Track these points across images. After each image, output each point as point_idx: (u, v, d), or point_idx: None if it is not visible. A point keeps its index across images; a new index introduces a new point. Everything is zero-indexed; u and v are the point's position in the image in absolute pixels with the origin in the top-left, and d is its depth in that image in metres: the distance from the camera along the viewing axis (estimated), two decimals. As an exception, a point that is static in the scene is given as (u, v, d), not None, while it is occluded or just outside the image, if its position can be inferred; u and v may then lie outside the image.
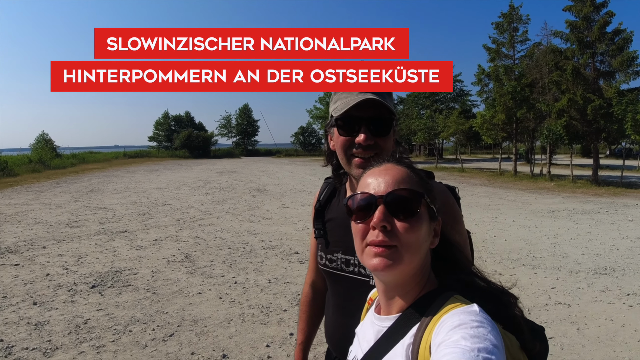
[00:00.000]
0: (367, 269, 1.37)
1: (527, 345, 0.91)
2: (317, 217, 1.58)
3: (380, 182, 0.92)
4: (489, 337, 0.73)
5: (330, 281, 1.55)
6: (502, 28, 27.87)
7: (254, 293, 5.73)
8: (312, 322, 1.76)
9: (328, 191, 1.59)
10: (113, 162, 40.58)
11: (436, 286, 0.95)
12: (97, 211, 12.25)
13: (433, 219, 0.95)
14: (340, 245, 1.47)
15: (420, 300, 0.92)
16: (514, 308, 0.94)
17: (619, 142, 24.40)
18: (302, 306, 1.78)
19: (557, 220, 11.21)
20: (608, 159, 42.43)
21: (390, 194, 0.89)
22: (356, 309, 1.42)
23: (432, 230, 0.94)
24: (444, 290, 0.92)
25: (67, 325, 4.65)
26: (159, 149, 63.47)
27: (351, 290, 1.44)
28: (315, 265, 1.67)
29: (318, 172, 29.65)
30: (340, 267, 1.46)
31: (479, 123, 27.95)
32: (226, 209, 12.83)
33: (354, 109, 1.29)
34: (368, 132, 1.29)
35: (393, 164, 0.97)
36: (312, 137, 74.53)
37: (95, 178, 23.61)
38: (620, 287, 5.94)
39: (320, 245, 1.55)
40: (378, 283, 0.99)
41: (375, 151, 1.31)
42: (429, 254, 0.96)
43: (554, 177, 23.61)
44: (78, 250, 7.85)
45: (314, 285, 1.74)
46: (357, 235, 0.93)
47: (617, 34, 21.25)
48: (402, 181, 0.92)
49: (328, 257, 1.50)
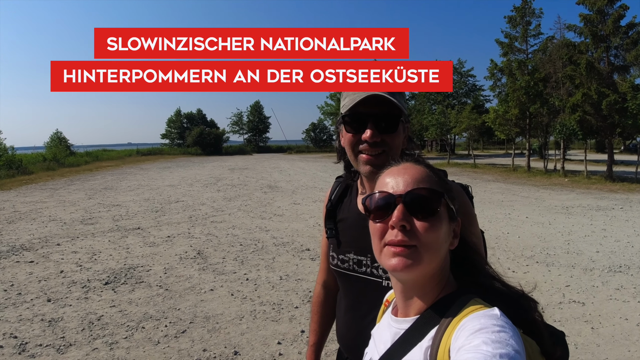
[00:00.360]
0: (379, 270, 1.38)
1: (547, 350, 0.89)
2: (329, 217, 1.56)
3: (399, 181, 0.91)
4: (510, 342, 0.72)
5: (342, 282, 1.53)
6: (514, 22, 27.50)
7: (266, 290, 5.75)
8: (325, 322, 1.74)
9: (339, 190, 1.58)
10: (126, 159, 40.96)
11: (455, 288, 0.93)
12: (111, 208, 12.39)
13: (452, 220, 0.94)
14: (353, 246, 1.45)
15: (439, 302, 0.90)
16: (534, 312, 0.93)
17: (634, 138, 24.00)
18: (314, 307, 1.76)
19: (571, 217, 11.07)
20: (622, 154, 41.77)
21: (409, 193, 0.88)
22: (368, 310, 1.42)
23: (451, 231, 0.93)
24: (463, 293, 0.90)
25: (81, 321, 4.71)
26: (171, 147, 63.86)
27: (363, 290, 1.44)
28: (326, 265, 1.66)
29: (329, 168, 29.62)
30: (352, 268, 1.45)
31: (491, 118, 27.67)
32: (238, 206, 12.89)
33: (361, 106, 1.29)
34: (374, 129, 1.28)
35: (412, 163, 0.96)
36: (323, 134, 74.42)
37: (108, 176, 23.87)
38: (635, 286, 5.85)
39: (332, 245, 1.53)
40: (395, 284, 0.97)
41: (382, 148, 1.30)
42: (448, 255, 0.94)
43: (567, 173, 23.29)
44: (92, 247, 7.94)
45: (326, 285, 1.72)
46: (375, 235, 0.92)
47: (632, 27, 20.85)
48: (421, 180, 0.91)
49: (340, 258, 1.49)
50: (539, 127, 27.23)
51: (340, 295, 1.59)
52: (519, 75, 25.43)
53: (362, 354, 1.44)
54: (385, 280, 1.38)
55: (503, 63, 27.38)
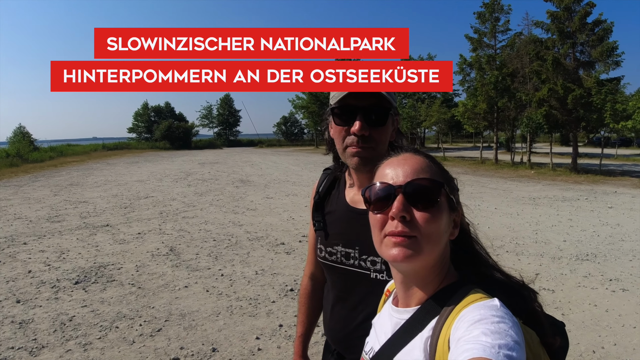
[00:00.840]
0: (367, 262, 1.38)
1: (547, 340, 0.90)
2: (317, 209, 1.55)
3: (399, 172, 0.90)
4: (510, 332, 0.72)
5: (330, 274, 1.53)
6: (484, 18, 27.96)
7: (242, 285, 5.70)
8: (312, 314, 1.74)
9: (327, 183, 1.57)
10: (92, 154, 39.83)
11: (456, 279, 0.93)
12: (78, 205, 12.02)
13: (453, 210, 0.93)
14: (341, 238, 1.45)
15: (439, 292, 0.90)
16: (534, 302, 0.94)
17: (598, 131, 24.85)
18: (301, 298, 1.75)
19: (538, 208, 11.40)
20: (586, 147, 43.23)
21: (409, 183, 0.87)
22: (356, 302, 1.43)
23: (451, 221, 0.93)
24: (463, 283, 0.90)
25: (52, 323, 4.56)
26: (138, 141, 62.54)
27: (351, 283, 1.43)
28: (314, 257, 1.65)
29: (301, 162, 29.62)
30: (340, 260, 1.44)
31: (460, 112, 28.21)
32: (210, 201, 12.72)
33: (350, 98, 1.28)
34: (363, 122, 1.27)
35: (412, 154, 0.95)
36: (294, 127, 74.31)
37: (74, 171, 23.14)
38: (603, 273, 6.07)
39: (320, 237, 1.52)
40: (396, 275, 0.96)
41: (370, 143, 1.29)
42: (448, 245, 0.94)
43: (534, 165, 23.98)
44: (60, 245, 7.69)
45: (313, 277, 1.72)
46: (376, 227, 0.91)
47: (598, 24, 21.53)
48: (421, 171, 0.90)
49: (328, 250, 1.48)
50: (506, 121, 27.89)
51: (328, 288, 1.59)
52: (487, 70, 25.97)
53: (351, 346, 1.45)
54: (373, 273, 1.37)
55: (472, 58, 27.91)
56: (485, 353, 0.68)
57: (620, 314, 4.80)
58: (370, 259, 1.37)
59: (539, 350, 0.87)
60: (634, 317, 4.73)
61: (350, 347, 1.46)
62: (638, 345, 4.11)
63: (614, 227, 8.92)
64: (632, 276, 5.95)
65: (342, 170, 1.53)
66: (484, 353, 0.68)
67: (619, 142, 44.42)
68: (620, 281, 5.77)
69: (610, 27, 21.24)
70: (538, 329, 0.90)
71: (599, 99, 19.72)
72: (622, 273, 6.08)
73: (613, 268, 6.30)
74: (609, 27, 21.25)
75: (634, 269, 6.27)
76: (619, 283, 5.70)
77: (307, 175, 20.23)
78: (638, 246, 7.47)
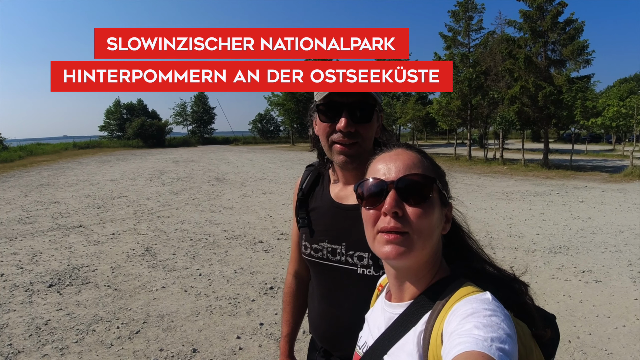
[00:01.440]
0: (354, 258, 1.38)
1: (538, 332, 0.91)
2: (301, 206, 1.54)
3: (391, 167, 0.90)
4: (502, 325, 0.72)
5: (316, 271, 1.51)
6: (458, 16, 28.32)
7: (220, 284, 5.64)
8: (297, 313, 1.73)
9: (311, 179, 1.57)
10: (63, 153, 38.77)
11: (448, 273, 0.94)
12: (49, 206, 11.69)
13: (444, 205, 0.94)
14: (326, 234, 1.44)
15: (432, 287, 0.91)
16: (525, 296, 0.95)
17: (568, 128, 25.51)
18: (286, 297, 1.73)
19: (511, 202, 11.64)
20: (557, 143, 44.39)
21: (401, 179, 0.87)
22: (343, 299, 1.42)
23: (443, 216, 0.93)
24: (456, 277, 0.91)
25: (27, 327, 4.42)
26: (110, 139, 61.28)
27: (338, 279, 1.43)
28: (297, 255, 1.64)
29: (278, 159, 29.52)
30: (327, 257, 1.44)
31: (435, 109, 28.57)
32: (185, 200, 12.56)
33: (335, 95, 1.28)
34: (349, 118, 1.28)
35: (404, 149, 0.95)
36: (270, 125, 73.98)
37: (45, 171, 22.49)
38: (576, 265, 6.24)
39: (305, 234, 1.51)
40: (389, 270, 0.97)
41: (356, 139, 1.30)
42: (440, 240, 0.94)
43: (506, 161, 24.49)
44: (32, 247, 7.47)
45: (298, 275, 1.71)
46: (368, 223, 0.91)
47: (569, 23, 22.03)
48: (413, 166, 0.90)
49: (313, 247, 1.47)
50: (480, 118, 28.37)
51: (313, 285, 1.58)
52: (461, 68, 26.33)
53: (338, 342, 1.45)
54: (360, 268, 1.37)
55: (446, 56, 28.26)
56: (478, 346, 0.68)
57: (594, 304, 4.94)
58: (357, 254, 1.37)
59: (530, 343, 0.89)
60: (607, 307, 4.88)
61: (337, 343, 1.45)
62: (612, 334, 4.25)
63: (585, 221, 9.17)
64: (604, 268, 6.14)
65: (327, 167, 1.52)
66: (476, 346, 0.68)
67: (589, 138, 45.76)
68: (593, 272, 5.94)
69: (581, 26, 21.77)
70: (529, 322, 0.92)
71: (570, 97, 20.25)
72: (595, 265, 6.26)
73: (585, 260, 6.48)
74: (580, 27, 21.77)
75: (606, 260, 6.47)
76: (592, 274, 5.87)
77: (284, 173, 20.17)
78: (609, 239, 7.70)
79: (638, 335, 4.22)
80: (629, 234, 8.03)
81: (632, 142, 25.24)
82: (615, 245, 7.26)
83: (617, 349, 3.99)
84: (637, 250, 6.96)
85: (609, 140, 49.28)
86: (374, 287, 1.21)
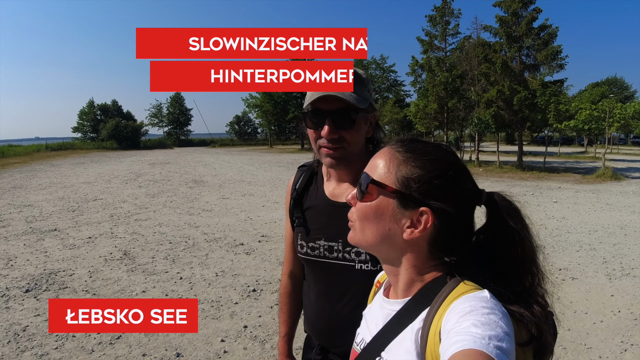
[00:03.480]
0: (351, 254, 1.41)
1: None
2: (296, 206, 1.56)
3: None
4: (500, 324, 0.73)
5: (312, 269, 1.54)
6: (435, 21, 28.72)
7: (202, 288, 5.57)
8: (294, 313, 1.75)
9: (304, 179, 1.59)
10: (35, 155, 37.75)
11: (447, 270, 0.94)
12: (23, 209, 11.36)
13: (406, 207, 0.91)
14: (323, 232, 1.47)
15: (430, 284, 0.91)
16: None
17: (542, 130, 26.10)
18: (282, 298, 1.75)
19: (488, 204, 11.80)
20: (530, 146, 45.37)
21: None
22: (341, 295, 1.45)
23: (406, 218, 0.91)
24: (454, 275, 0.90)
25: (5, 333, 4.28)
26: (84, 141, 60.02)
27: (335, 276, 1.45)
28: (292, 255, 1.66)
29: (256, 161, 29.40)
30: (324, 254, 1.46)
31: (412, 112, 28.94)
32: (163, 202, 12.38)
33: (320, 102, 1.32)
34: (332, 125, 1.33)
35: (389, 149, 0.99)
36: (248, 127, 73.61)
37: (17, 173, 21.85)
38: (552, 263, 6.38)
39: (300, 234, 1.53)
40: (386, 266, 0.98)
41: (341, 144, 1.35)
42: (424, 241, 0.92)
43: (482, 163, 24.92)
44: (6, 252, 7.23)
45: (292, 275, 1.72)
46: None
47: (543, 29, 22.52)
48: None
49: (310, 245, 1.49)
50: (456, 121, 28.82)
51: (309, 284, 1.60)
52: (438, 72, 26.71)
53: (336, 338, 1.46)
54: (358, 264, 1.40)
55: (423, 60, 28.63)
56: (476, 344, 0.68)
57: (571, 300, 5.07)
58: (355, 250, 1.40)
59: None
60: (584, 303, 5.01)
61: (335, 339, 1.47)
62: (591, 330, 4.37)
63: (560, 220, 9.40)
64: (579, 265, 6.30)
65: (320, 164, 1.56)
66: (474, 344, 0.68)
67: (561, 140, 46.94)
68: (569, 270, 6.10)
69: (555, 31, 22.28)
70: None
71: (544, 100, 20.74)
72: (571, 262, 6.43)
73: (561, 258, 6.64)
74: (554, 32, 22.28)
75: (581, 258, 6.64)
76: (568, 272, 6.02)
77: (262, 175, 20.08)
78: (584, 237, 7.91)
79: (615, 330, 4.34)
80: (602, 233, 8.26)
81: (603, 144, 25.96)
82: (590, 244, 7.46)
83: (595, 343, 4.10)
84: (611, 249, 7.16)
85: (581, 143, 50.64)
86: (372, 282, 1.22)
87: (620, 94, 53.54)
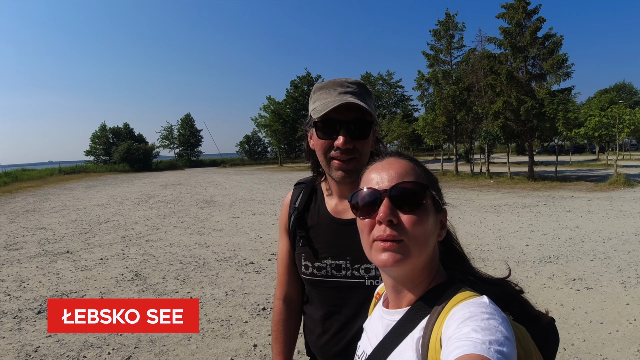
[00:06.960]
0: (360, 271, 1.38)
1: (535, 313, 0.94)
2: (299, 226, 1.50)
3: (384, 176, 0.92)
4: (500, 328, 0.73)
5: (318, 290, 1.47)
6: (439, 35, 28.90)
7: (212, 307, 5.57)
8: (291, 342, 1.64)
9: (304, 197, 1.54)
10: (48, 179, 38.30)
11: (445, 278, 0.95)
12: (36, 232, 11.52)
13: (439, 211, 0.95)
14: (329, 251, 1.42)
15: (429, 292, 0.91)
16: (519, 294, 0.99)
17: (552, 139, 25.91)
18: (277, 325, 1.62)
19: (499, 215, 11.73)
20: (541, 155, 44.97)
21: (394, 187, 0.89)
22: (353, 313, 1.39)
23: (438, 222, 0.94)
24: (453, 282, 0.92)
25: (17, 354, 4.32)
26: (96, 164, 60.90)
27: (345, 294, 1.41)
28: (286, 278, 1.59)
29: (266, 180, 29.49)
30: (331, 273, 1.41)
31: (421, 126, 28.91)
32: (174, 223, 12.45)
33: (333, 112, 1.27)
34: (347, 136, 1.29)
35: (395, 158, 0.97)
36: (257, 146, 74.02)
37: (30, 197, 22.20)
38: (566, 274, 6.29)
39: (305, 254, 1.47)
40: (386, 278, 0.97)
41: (354, 155, 1.30)
42: (437, 246, 0.95)
43: (493, 175, 24.75)
44: (19, 274, 7.33)
45: (288, 299, 1.62)
46: (364, 232, 0.92)
47: (548, 38, 22.50)
48: (405, 174, 0.91)
49: (316, 265, 1.44)
50: (465, 134, 28.76)
51: (314, 306, 1.52)
52: (444, 85, 26.75)
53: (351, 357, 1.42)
54: (368, 280, 1.36)
55: (429, 74, 28.75)
56: (477, 349, 0.68)
57: (586, 311, 4.98)
58: (364, 266, 1.36)
59: (529, 346, 0.88)
60: (599, 313, 4.92)
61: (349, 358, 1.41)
62: (607, 340, 4.28)
63: (573, 230, 9.27)
64: (594, 275, 6.19)
65: (319, 180, 1.52)
66: (475, 349, 0.68)
67: (573, 149, 46.53)
68: (583, 280, 5.99)
69: (560, 40, 22.23)
70: (528, 325, 0.92)
71: (552, 109, 20.61)
72: (585, 272, 6.32)
73: (575, 268, 6.53)
74: (558, 41, 22.22)
75: (596, 267, 6.53)
76: (583, 282, 5.92)
77: (273, 194, 20.12)
78: (598, 246, 7.79)
79: (632, 339, 4.25)
80: (617, 241, 8.13)
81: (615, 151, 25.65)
82: (604, 252, 7.34)
83: (611, 353, 4.02)
84: (626, 256, 7.04)
85: (593, 150, 50.15)
86: None
87: (630, 100, 53.03)
